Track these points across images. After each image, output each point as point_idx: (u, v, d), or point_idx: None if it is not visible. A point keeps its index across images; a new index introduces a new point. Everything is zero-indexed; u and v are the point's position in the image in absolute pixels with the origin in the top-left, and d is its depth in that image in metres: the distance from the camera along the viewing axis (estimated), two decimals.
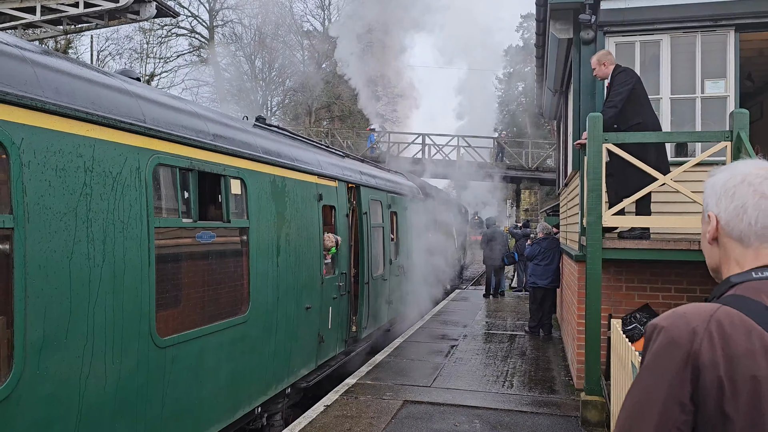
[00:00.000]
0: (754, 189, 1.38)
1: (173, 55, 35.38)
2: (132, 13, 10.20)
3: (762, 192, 1.37)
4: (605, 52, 6.50)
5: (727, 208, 1.42)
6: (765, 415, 1.18)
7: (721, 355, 1.23)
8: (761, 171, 1.40)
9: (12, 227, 3.08)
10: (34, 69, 3.37)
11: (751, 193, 1.39)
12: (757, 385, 1.20)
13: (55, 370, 3.31)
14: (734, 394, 1.21)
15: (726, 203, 1.42)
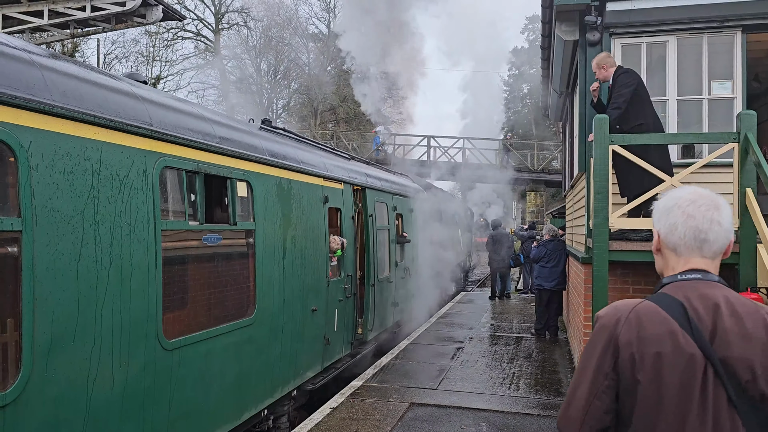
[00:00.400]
0: (683, 211, 1.79)
1: (179, 58, 35.55)
2: (139, 16, 10.25)
3: (689, 213, 1.78)
4: (604, 55, 6.48)
5: (665, 225, 1.83)
6: (663, 377, 1.63)
7: (635, 337, 1.68)
8: (690, 196, 1.81)
9: (20, 230, 3.09)
10: (42, 72, 3.39)
11: (681, 213, 1.80)
12: (659, 358, 1.65)
13: (62, 372, 3.33)
14: (642, 365, 1.66)
15: (664, 221, 1.84)
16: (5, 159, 3.09)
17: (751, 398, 1.62)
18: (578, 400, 1.76)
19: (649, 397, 1.66)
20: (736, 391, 1.63)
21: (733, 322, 1.66)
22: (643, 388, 1.66)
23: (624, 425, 1.72)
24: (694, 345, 1.65)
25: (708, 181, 6.40)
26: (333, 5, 40.91)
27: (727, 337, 1.65)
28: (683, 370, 1.64)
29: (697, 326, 1.67)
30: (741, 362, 1.63)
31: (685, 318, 1.68)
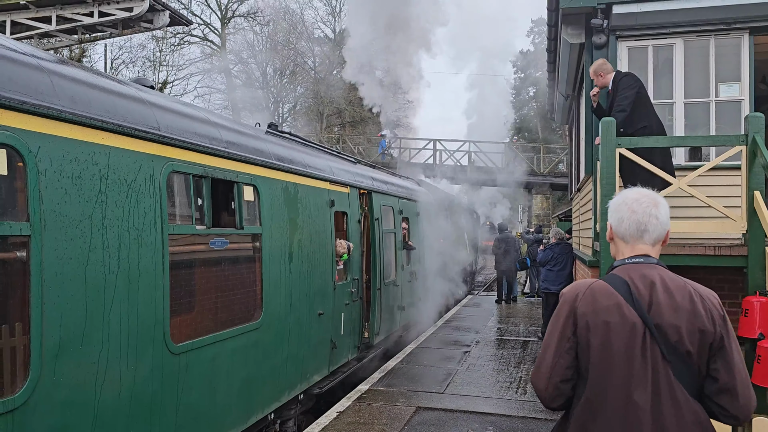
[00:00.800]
0: (628, 207, 2.26)
1: (186, 63, 35.71)
2: (146, 21, 10.31)
3: (633, 209, 2.25)
4: (601, 62, 6.47)
5: (615, 219, 2.31)
6: (611, 340, 2.07)
7: (590, 309, 2.13)
8: (635, 196, 2.28)
9: (29, 235, 3.11)
10: (50, 78, 3.41)
11: (626, 209, 2.26)
12: (607, 325, 2.09)
13: (71, 376, 3.34)
14: (595, 331, 2.10)
15: (614, 216, 2.31)
16: (14, 164, 3.11)
17: (680, 354, 2.07)
18: (547, 359, 2.19)
19: (600, 355, 2.10)
20: (668, 349, 2.07)
21: (665, 296, 2.12)
22: (596, 348, 2.10)
23: (582, 378, 2.15)
24: (635, 314, 2.09)
25: (716, 183, 6.37)
26: (338, 9, 41.07)
27: (660, 308, 2.10)
28: (627, 334, 2.08)
29: (638, 300, 2.12)
30: (671, 327, 2.07)
31: (629, 293, 2.13)
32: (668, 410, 2.03)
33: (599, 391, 2.09)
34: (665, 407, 2.04)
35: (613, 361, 2.08)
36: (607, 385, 2.08)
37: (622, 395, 2.06)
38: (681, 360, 2.07)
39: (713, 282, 6.61)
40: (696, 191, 5.82)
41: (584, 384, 2.14)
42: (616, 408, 2.06)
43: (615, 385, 2.06)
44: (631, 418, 2.04)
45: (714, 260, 5.84)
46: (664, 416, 2.03)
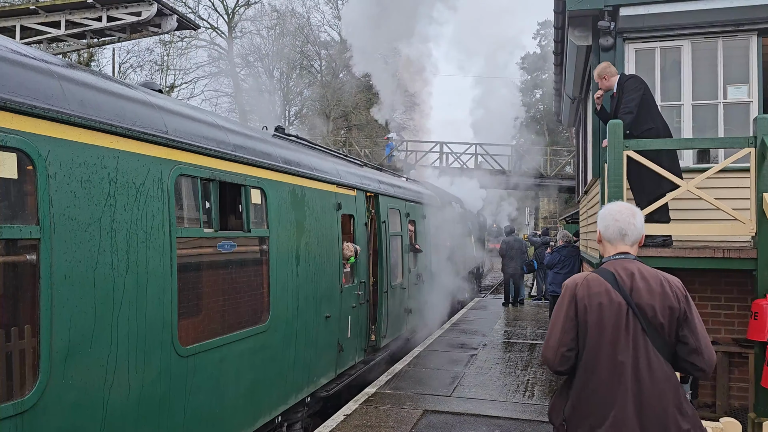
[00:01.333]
0: (612, 217, 2.95)
1: (193, 67, 35.87)
2: (154, 26, 10.36)
3: (616, 219, 2.93)
4: (605, 65, 6.46)
5: (602, 226, 2.98)
6: (603, 317, 2.72)
7: (586, 293, 2.77)
8: (618, 207, 2.97)
9: (38, 238, 3.13)
10: (60, 82, 3.44)
11: (611, 219, 2.95)
12: (601, 306, 2.73)
13: (80, 378, 3.35)
14: (590, 311, 2.74)
15: (602, 224, 2.98)
16: (24, 167, 3.14)
17: (655, 326, 2.73)
18: (554, 334, 2.84)
19: (595, 328, 2.75)
20: (645, 323, 2.73)
21: (642, 283, 2.78)
22: (592, 324, 2.76)
23: (582, 348, 2.79)
24: (620, 297, 2.76)
25: (724, 186, 6.34)
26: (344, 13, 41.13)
27: (639, 291, 2.76)
28: (615, 312, 2.74)
29: (622, 286, 2.78)
30: (648, 306, 2.73)
31: (615, 281, 2.79)
32: (644, 367, 2.71)
33: (594, 354, 2.76)
34: (642, 364, 2.71)
35: (604, 332, 2.75)
36: (600, 349, 2.75)
37: (611, 356, 2.73)
38: (655, 331, 2.75)
39: (722, 285, 6.57)
40: (704, 193, 5.80)
41: (583, 351, 2.79)
42: (606, 366, 2.74)
43: (606, 349, 2.75)
44: (617, 372, 2.72)
45: (723, 263, 5.80)
46: (641, 371, 2.71)
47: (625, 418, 2.69)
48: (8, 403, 2.97)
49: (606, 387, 2.73)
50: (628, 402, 2.70)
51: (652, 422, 2.70)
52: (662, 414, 2.70)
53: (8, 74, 3.12)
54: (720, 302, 6.60)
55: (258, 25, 36.86)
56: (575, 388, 2.83)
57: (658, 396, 2.71)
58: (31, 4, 10.64)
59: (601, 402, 2.75)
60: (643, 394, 2.71)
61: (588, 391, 2.78)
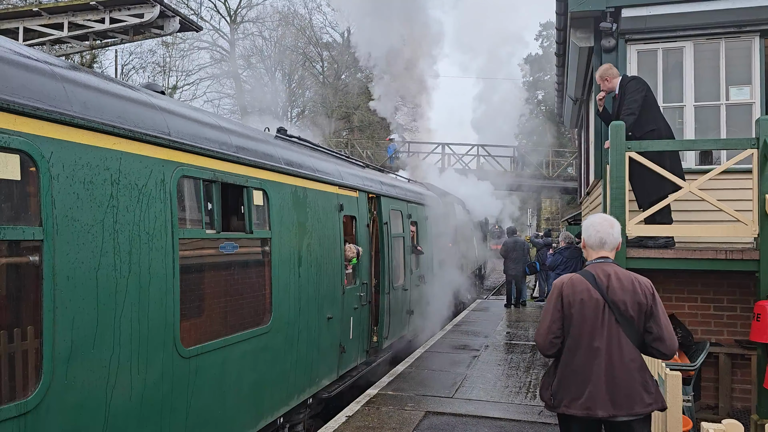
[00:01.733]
0: (594, 227, 3.57)
1: (195, 68, 35.93)
2: (156, 27, 10.39)
3: (597, 229, 3.54)
4: (607, 67, 6.46)
5: (586, 235, 3.61)
6: (584, 310, 3.34)
7: (571, 291, 3.40)
8: (599, 219, 3.58)
9: (41, 239, 3.14)
10: (63, 84, 3.45)
11: (593, 229, 3.57)
12: (582, 302, 3.36)
13: (82, 379, 3.36)
14: (574, 306, 3.37)
15: (585, 233, 3.62)
16: (27, 169, 3.14)
17: (626, 318, 3.35)
18: (544, 324, 3.51)
19: (577, 319, 3.40)
20: (618, 315, 3.36)
21: (617, 282, 3.40)
22: (574, 316, 3.41)
23: (566, 335, 3.45)
24: (598, 294, 3.39)
25: (726, 187, 6.33)
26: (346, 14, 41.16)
27: (614, 290, 3.39)
28: (593, 306, 3.38)
29: (600, 285, 3.41)
30: (620, 301, 3.36)
31: (594, 281, 3.43)
32: (615, 351, 3.35)
33: (576, 340, 3.42)
34: (614, 350, 3.35)
35: (585, 323, 3.39)
36: (580, 337, 3.40)
37: (588, 342, 3.38)
38: (627, 321, 3.37)
39: (724, 286, 6.57)
40: (707, 195, 5.80)
41: (567, 338, 3.45)
42: (585, 349, 3.39)
43: (585, 336, 3.39)
44: (594, 355, 3.37)
45: (725, 264, 5.80)
46: (612, 354, 3.35)
47: (598, 392, 3.33)
48: (11, 404, 2.98)
49: (584, 367, 3.38)
50: (601, 380, 3.34)
51: (621, 396, 3.32)
52: (630, 390, 3.33)
53: (11, 76, 3.13)
54: (722, 304, 6.60)
55: (260, 26, 36.95)
56: (560, 368, 3.50)
57: (626, 375, 3.34)
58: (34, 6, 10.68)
59: (580, 379, 3.39)
60: (615, 374, 3.34)
61: (570, 370, 3.44)
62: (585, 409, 3.35)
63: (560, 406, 3.45)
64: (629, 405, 3.30)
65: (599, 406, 3.31)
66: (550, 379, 3.59)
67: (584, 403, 3.33)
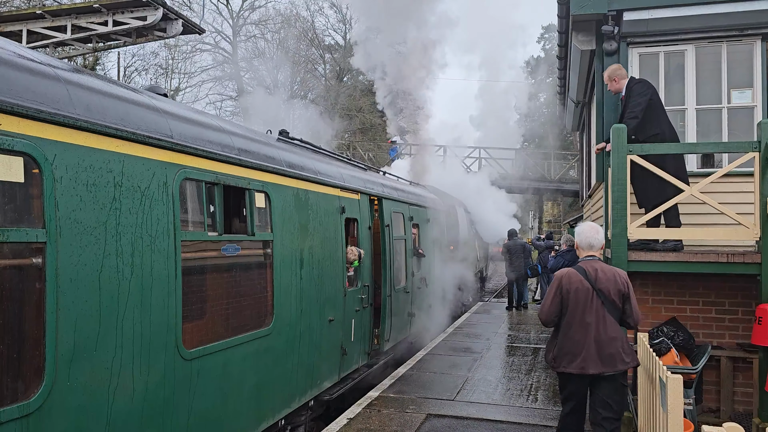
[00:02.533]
0: (584, 233, 4.77)
1: (197, 70, 36.01)
2: (159, 30, 10.41)
3: (586, 235, 4.75)
4: (616, 67, 6.46)
5: (578, 238, 4.81)
6: (578, 296, 4.51)
7: (567, 281, 4.57)
8: (587, 226, 4.82)
9: (44, 241, 3.15)
10: (66, 87, 3.46)
11: (583, 235, 4.77)
12: (577, 291, 4.52)
13: (84, 381, 3.37)
14: (570, 293, 4.54)
15: (577, 238, 4.83)
16: (30, 171, 3.16)
17: (609, 302, 4.46)
18: (547, 304, 4.60)
19: (572, 303, 4.47)
20: (603, 299, 4.44)
21: (602, 275, 4.49)
22: (570, 300, 4.48)
23: (564, 314, 4.53)
24: (588, 284, 4.47)
25: (728, 190, 6.33)
26: (349, 17, 41.24)
27: (600, 280, 4.47)
28: (584, 293, 4.45)
29: (589, 277, 4.49)
30: (605, 289, 4.46)
31: (585, 274, 4.50)
32: (601, 325, 4.47)
33: (572, 317, 4.53)
34: (600, 323, 4.47)
35: (578, 305, 4.51)
36: (575, 315, 4.51)
37: (581, 319, 4.49)
38: (610, 304, 4.52)
39: (726, 289, 6.56)
40: (708, 198, 5.80)
41: (565, 315, 4.58)
42: (578, 324, 4.50)
43: (578, 314, 4.50)
44: (585, 328, 4.48)
45: (727, 267, 5.79)
46: (599, 328, 4.46)
47: (590, 355, 4.47)
48: (13, 405, 2.99)
49: (578, 336, 4.50)
50: (591, 346, 4.47)
51: (606, 358, 4.46)
52: (613, 353, 4.47)
53: (15, 79, 3.14)
54: (724, 307, 6.59)
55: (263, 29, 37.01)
56: (560, 338, 4.62)
57: (609, 342, 4.47)
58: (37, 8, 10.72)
59: (575, 345, 4.51)
60: (601, 341, 4.46)
61: (567, 339, 4.56)
62: (580, 368, 4.48)
63: (560, 366, 4.58)
64: (613, 364, 4.46)
65: (591, 365, 4.45)
66: (551, 346, 4.71)
67: (579, 364, 4.47)
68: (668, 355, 5.90)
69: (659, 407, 4.17)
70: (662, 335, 6.33)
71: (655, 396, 4.32)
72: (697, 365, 5.84)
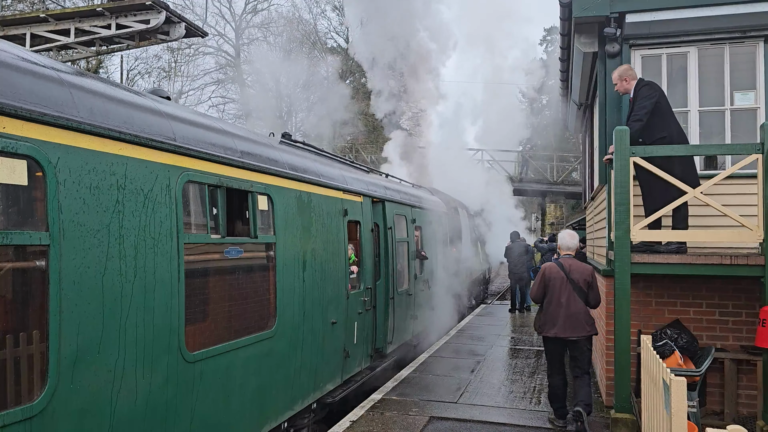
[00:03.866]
0: (563, 239, 6.69)
1: (200, 73, 36.09)
2: (162, 33, 10.44)
3: (564, 239, 6.67)
4: (627, 67, 6.45)
5: (559, 242, 6.76)
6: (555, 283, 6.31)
7: (549, 272, 6.40)
8: (566, 233, 6.78)
9: (48, 244, 3.16)
10: (69, 90, 3.47)
11: (562, 240, 6.69)
12: (555, 279, 6.34)
13: (87, 384, 3.38)
14: (550, 280, 6.37)
15: (560, 241, 6.74)
16: (34, 174, 3.17)
17: (578, 287, 6.22)
18: (535, 288, 6.53)
19: (552, 288, 6.30)
20: (573, 286, 6.22)
21: (574, 268, 6.30)
22: (550, 286, 6.31)
23: (545, 294, 6.37)
24: (563, 274, 6.27)
25: (731, 192, 6.32)
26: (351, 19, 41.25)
27: (572, 272, 6.27)
28: (560, 280, 6.27)
29: (565, 269, 6.29)
30: (575, 279, 6.24)
31: (561, 267, 6.30)
32: (572, 304, 6.15)
33: (551, 297, 6.26)
34: (571, 303, 6.15)
35: (555, 289, 6.23)
36: (553, 296, 6.24)
37: (557, 300, 6.20)
38: (578, 289, 6.18)
39: (730, 292, 6.54)
40: (711, 200, 5.78)
41: (546, 296, 6.32)
42: (555, 304, 6.22)
43: (555, 297, 6.22)
44: (559, 305, 6.19)
45: (730, 270, 5.78)
46: (570, 306, 6.15)
47: (563, 325, 6.17)
48: (17, 408, 2.99)
49: (555, 312, 6.22)
50: (563, 318, 6.17)
51: (574, 327, 6.15)
52: (578, 324, 6.16)
53: (19, 82, 3.16)
54: (728, 309, 6.57)
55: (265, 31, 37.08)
56: (543, 312, 6.39)
57: (575, 316, 6.16)
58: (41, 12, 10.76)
59: (553, 318, 6.24)
60: (570, 315, 6.16)
61: (548, 314, 6.29)
62: (554, 333, 6.23)
63: (543, 331, 6.35)
64: (578, 331, 6.16)
65: (563, 332, 6.18)
66: (538, 318, 6.49)
67: (555, 331, 6.22)
68: (672, 357, 5.88)
69: (663, 410, 4.15)
70: (666, 337, 6.32)
71: (659, 398, 4.31)
72: (701, 368, 5.82)
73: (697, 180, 6.07)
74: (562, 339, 6.18)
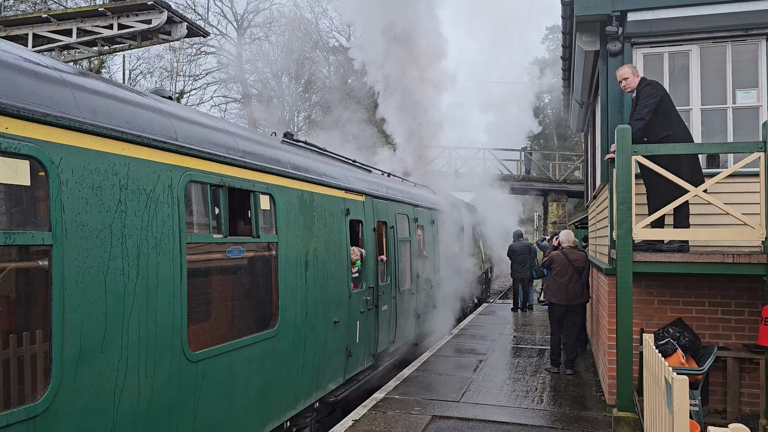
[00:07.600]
0: (564, 235, 9.53)
1: (202, 73, 36.12)
2: (164, 33, 10.47)
3: (565, 236, 9.48)
4: (630, 65, 6.45)
5: (561, 238, 9.51)
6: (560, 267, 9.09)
7: (555, 259, 9.21)
8: (565, 232, 9.68)
9: (51, 244, 3.17)
10: (72, 91, 3.48)
11: (564, 236, 9.52)
12: (560, 263, 9.12)
13: (91, 383, 3.39)
14: (556, 264, 9.17)
15: (561, 237, 9.55)
16: (37, 174, 3.18)
17: (577, 269, 8.97)
18: (543, 263, 9.63)
19: (557, 268, 9.08)
20: (575, 268, 8.96)
21: (574, 256, 9.10)
22: (554, 267, 9.13)
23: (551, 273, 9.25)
24: (566, 260, 9.03)
25: (734, 191, 6.31)
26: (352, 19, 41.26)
27: (573, 259, 9.04)
28: (564, 265, 9.02)
29: (567, 256, 9.07)
30: (575, 263, 8.99)
31: (564, 255, 9.10)
32: (572, 281, 8.94)
33: (556, 275, 9.05)
34: (571, 282, 8.94)
35: (560, 270, 9.01)
36: (558, 274, 9.01)
37: (561, 277, 8.99)
38: (576, 271, 8.94)
39: (732, 290, 6.54)
40: (713, 198, 5.77)
41: (552, 274, 9.17)
42: (559, 282, 9.02)
43: (560, 275, 9.00)
44: (564, 282, 8.97)
45: (733, 268, 5.77)
46: (570, 282, 8.95)
47: (563, 295, 8.89)
48: (20, 407, 3.01)
49: (560, 287, 8.94)
50: (565, 290, 8.89)
51: (573, 297, 8.88)
52: (576, 294, 8.88)
53: (21, 83, 3.17)
54: (730, 307, 6.56)
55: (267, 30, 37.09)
56: (550, 287, 9.13)
57: (575, 290, 8.88)
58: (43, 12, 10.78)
59: (558, 290, 8.96)
60: (569, 289, 8.87)
61: (554, 287, 9.02)
62: (558, 300, 8.90)
63: (550, 299, 9.00)
64: (574, 300, 8.83)
65: (565, 300, 8.84)
66: (547, 290, 9.06)
67: (558, 299, 8.89)
68: (674, 356, 5.88)
69: (665, 408, 4.15)
70: (668, 336, 6.31)
71: (661, 397, 4.31)
72: (703, 366, 5.82)
73: (703, 180, 6.05)
74: (564, 305, 8.94)
